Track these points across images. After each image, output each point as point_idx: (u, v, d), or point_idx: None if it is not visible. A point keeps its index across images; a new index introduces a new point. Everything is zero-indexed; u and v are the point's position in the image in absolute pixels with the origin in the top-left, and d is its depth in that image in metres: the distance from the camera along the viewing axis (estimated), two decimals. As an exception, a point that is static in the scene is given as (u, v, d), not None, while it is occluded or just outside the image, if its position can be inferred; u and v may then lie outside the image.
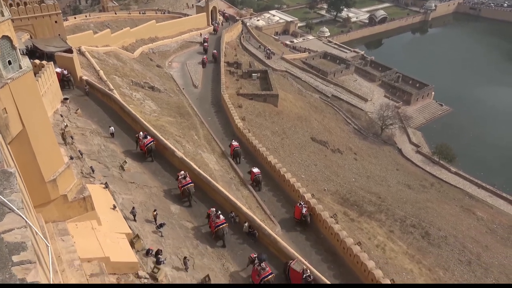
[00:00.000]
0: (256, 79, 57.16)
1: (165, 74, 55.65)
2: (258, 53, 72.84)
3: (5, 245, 5.91)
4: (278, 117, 50.17)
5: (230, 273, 21.63)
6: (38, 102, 14.61)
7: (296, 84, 69.26)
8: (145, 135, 29.76)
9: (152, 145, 29.38)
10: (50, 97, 30.89)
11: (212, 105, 47.85)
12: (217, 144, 38.73)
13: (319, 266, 23.58)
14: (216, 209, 24.17)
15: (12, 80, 12.63)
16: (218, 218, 23.29)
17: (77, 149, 25.93)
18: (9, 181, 7.33)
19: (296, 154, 44.90)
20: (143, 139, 29.46)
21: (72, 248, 14.24)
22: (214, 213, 23.61)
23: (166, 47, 64.89)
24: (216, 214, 23.44)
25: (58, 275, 11.29)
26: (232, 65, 60.13)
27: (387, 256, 30.91)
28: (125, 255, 16.93)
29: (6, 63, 12.79)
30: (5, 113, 12.39)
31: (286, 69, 72.31)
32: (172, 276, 18.50)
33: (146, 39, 64.29)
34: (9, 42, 12.91)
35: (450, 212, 42.32)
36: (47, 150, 14.89)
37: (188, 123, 41.53)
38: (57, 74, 34.60)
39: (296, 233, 27.04)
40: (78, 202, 16.26)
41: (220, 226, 23.06)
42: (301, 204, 27.13)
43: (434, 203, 43.89)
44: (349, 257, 24.47)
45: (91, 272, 14.16)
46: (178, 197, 26.51)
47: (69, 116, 31.45)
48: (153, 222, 21.95)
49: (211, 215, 23.68)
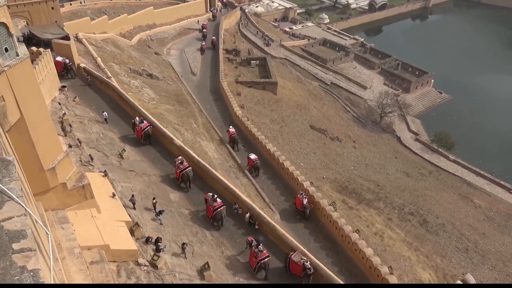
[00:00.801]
0: (255, 67, 56.82)
1: (163, 62, 55.26)
2: (257, 40, 72.28)
3: (5, 233, 5.90)
4: (277, 105, 50.03)
5: (229, 260, 21.78)
6: (36, 89, 14.49)
7: (295, 71, 68.92)
8: (141, 119, 29.82)
9: (149, 130, 29.45)
10: (47, 84, 30.67)
11: (211, 93, 47.64)
12: (216, 132, 38.67)
13: (317, 254, 23.75)
14: (213, 193, 24.32)
15: (9, 68, 12.49)
16: (215, 201, 23.45)
17: (75, 137, 25.85)
18: (8, 169, 7.29)
19: (295, 142, 44.90)
20: (139, 123, 29.48)
21: (72, 236, 14.29)
22: (211, 197, 23.75)
23: (164, 34, 64.29)
24: (213, 198, 23.59)
25: (58, 263, 11.35)
26: (231, 52, 59.71)
27: (385, 243, 31.16)
28: (125, 243, 17.01)
29: (3, 50, 12.64)
30: (2, 101, 12.29)
31: (285, 57, 71.87)
32: (172, 263, 18.62)
33: (144, 26, 63.62)
34: (5, 29, 12.73)
35: (448, 200, 42.58)
36: (45, 138, 14.83)
37: (186, 111, 41.40)
38: (58, 63, 34.32)
39: (295, 221, 27.19)
40: (77, 190, 16.27)
41: (218, 209, 23.24)
42: (302, 194, 27.20)
43: (432, 191, 44.12)
44: (348, 244, 24.65)
45: (91, 260, 14.24)
46: (178, 185, 26.55)
47: (67, 104, 31.28)
48: (152, 210, 22.02)
49: (208, 200, 23.81)
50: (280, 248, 23.11)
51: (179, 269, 18.68)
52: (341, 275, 22.75)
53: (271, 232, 23.82)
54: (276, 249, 23.03)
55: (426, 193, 42.33)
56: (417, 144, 61.51)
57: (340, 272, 23.36)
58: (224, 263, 21.42)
